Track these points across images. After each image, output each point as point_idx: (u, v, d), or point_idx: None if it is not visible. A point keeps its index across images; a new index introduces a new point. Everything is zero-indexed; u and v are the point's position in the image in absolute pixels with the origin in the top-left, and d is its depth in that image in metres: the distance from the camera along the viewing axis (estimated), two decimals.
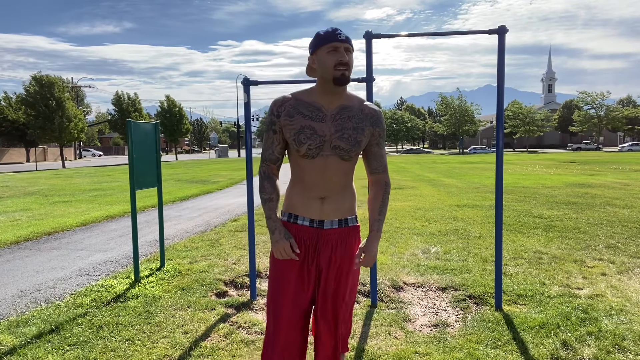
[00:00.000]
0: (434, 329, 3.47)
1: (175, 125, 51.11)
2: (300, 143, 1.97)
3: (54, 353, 3.15)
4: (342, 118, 2.01)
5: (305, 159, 2.01)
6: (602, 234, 6.62)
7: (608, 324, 3.42)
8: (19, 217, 9.17)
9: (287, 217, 2.12)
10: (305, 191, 2.06)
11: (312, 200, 2.05)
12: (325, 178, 2.02)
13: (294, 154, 2.05)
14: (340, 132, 1.99)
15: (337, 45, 1.91)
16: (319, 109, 2.00)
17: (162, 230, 5.37)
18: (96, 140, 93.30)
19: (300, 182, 2.06)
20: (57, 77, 36.35)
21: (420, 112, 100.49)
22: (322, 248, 2.07)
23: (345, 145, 1.99)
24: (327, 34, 1.92)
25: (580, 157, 34.98)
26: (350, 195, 2.11)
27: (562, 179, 15.79)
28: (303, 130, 1.97)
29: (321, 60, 1.93)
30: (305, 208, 2.06)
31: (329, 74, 1.92)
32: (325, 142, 1.99)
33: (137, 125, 4.81)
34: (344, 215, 2.09)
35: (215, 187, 15.04)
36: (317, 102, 2.01)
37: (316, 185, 2.03)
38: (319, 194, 2.04)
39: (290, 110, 2.00)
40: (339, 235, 2.09)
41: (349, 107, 2.03)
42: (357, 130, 2.01)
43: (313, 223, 2.07)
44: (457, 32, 4.09)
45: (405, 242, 6.31)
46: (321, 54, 1.93)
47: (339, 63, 1.89)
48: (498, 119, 3.85)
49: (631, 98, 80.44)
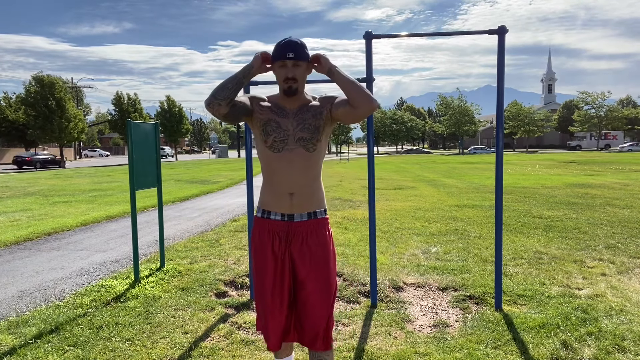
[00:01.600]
0: (434, 329, 3.47)
1: (175, 125, 51.10)
2: (267, 134, 2.20)
3: (54, 353, 3.15)
4: (302, 112, 2.24)
5: (272, 152, 2.21)
6: (602, 234, 6.62)
7: (608, 324, 3.42)
8: (19, 217, 9.17)
9: (261, 213, 2.30)
10: (275, 188, 2.24)
11: (282, 196, 2.22)
12: (292, 173, 2.19)
13: (261, 147, 2.24)
14: (301, 125, 2.21)
15: (285, 62, 2.14)
16: (282, 108, 2.25)
17: (162, 231, 5.37)
18: (96, 140, 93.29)
19: (270, 180, 2.26)
20: (57, 78, 36.36)
21: (420, 113, 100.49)
22: (292, 239, 2.24)
23: (307, 134, 2.20)
24: (279, 50, 2.14)
25: (580, 157, 34.98)
26: (317, 189, 2.28)
27: (562, 179, 15.79)
28: (269, 123, 2.21)
29: (275, 73, 2.21)
30: (276, 204, 2.24)
31: (281, 86, 2.20)
32: (289, 137, 2.20)
33: (137, 126, 4.81)
34: (312, 208, 2.27)
35: (215, 188, 15.04)
36: (280, 103, 2.26)
37: (284, 181, 2.21)
38: (287, 190, 2.21)
39: (263, 103, 2.27)
40: (309, 226, 2.25)
41: (308, 105, 2.27)
42: (315, 117, 2.23)
43: (284, 217, 2.24)
44: (457, 32, 4.09)
45: (405, 242, 6.31)
46: (275, 68, 2.19)
47: (285, 78, 2.16)
48: (498, 119, 3.85)
49: (631, 98, 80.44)
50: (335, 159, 42.67)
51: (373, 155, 4.04)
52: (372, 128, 4.04)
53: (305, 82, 2.25)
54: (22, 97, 35.67)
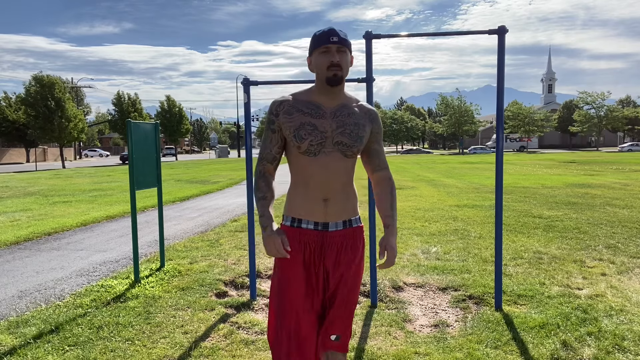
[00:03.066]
0: (434, 329, 3.47)
1: (175, 125, 51.12)
2: (301, 139, 1.98)
3: (54, 353, 3.15)
4: (342, 115, 2.04)
5: (307, 156, 2.00)
6: (602, 234, 6.62)
7: (608, 324, 3.42)
8: (19, 217, 9.17)
9: (290, 221, 2.07)
10: (308, 193, 2.03)
11: (316, 202, 2.03)
12: (328, 177, 2.01)
13: (294, 153, 2.04)
14: (342, 128, 2.02)
15: (329, 46, 1.96)
16: (318, 107, 2.03)
17: (162, 231, 5.37)
18: (96, 140, 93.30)
19: (302, 183, 2.04)
20: (57, 78, 36.36)
21: (420, 112, 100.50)
22: (327, 251, 2.05)
23: (348, 141, 2.01)
24: (321, 36, 1.98)
25: (580, 157, 34.99)
26: (352, 195, 2.12)
27: (562, 179, 15.79)
28: (303, 127, 1.99)
29: (315, 62, 2.00)
30: (308, 211, 2.04)
31: (323, 75, 1.98)
32: (327, 139, 2.00)
33: (137, 126, 4.81)
34: (348, 216, 2.09)
35: (215, 188, 15.04)
36: (316, 100, 2.05)
37: (319, 186, 2.02)
38: (322, 195, 2.02)
39: (289, 108, 2.03)
40: (344, 236, 2.08)
41: (348, 106, 2.07)
42: (358, 126, 2.04)
43: (318, 226, 2.04)
44: (457, 32, 4.09)
45: (405, 242, 6.31)
46: (315, 55, 2.00)
47: (330, 64, 1.95)
48: (498, 119, 3.85)
49: (630, 98, 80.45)
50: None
51: None
52: None
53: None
54: (22, 97, 35.67)
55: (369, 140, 2.12)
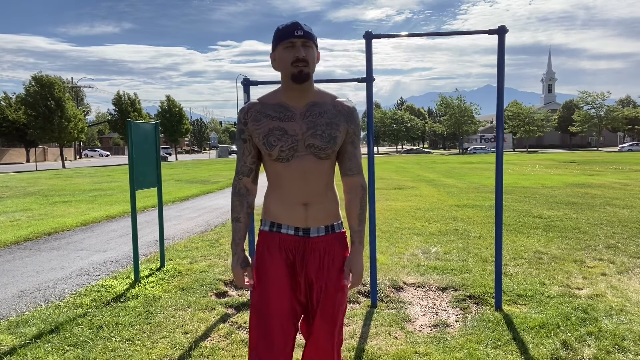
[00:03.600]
0: (434, 329, 3.47)
1: (175, 125, 51.15)
2: (271, 146, 1.85)
3: (54, 353, 3.15)
4: (312, 115, 1.89)
5: (280, 162, 1.88)
6: (602, 234, 6.62)
7: (608, 324, 3.42)
8: (19, 217, 9.17)
9: (269, 226, 1.95)
10: (286, 197, 1.90)
11: (295, 206, 1.90)
12: (306, 182, 1.88)
13: (267, 160, 1.92)
14: (312, 129, 1.87)
15: (293, 41, 1.81)
16: (286, 109, 1.89)
17: (162, 231, 5.37)
18: (96, 140, 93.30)
19: (279, 188, 1.92)
20: (57, 78, 36.37)
21: (420, 112, 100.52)
22: (309, 258, 1.92)
23: (320, 143, 1.87)
24: (285, 30, 1.82)
25: (580, 157, 34.99)
26: (333, 198, 1.98)
27: (562, 179, 15.79)
28: (272, 132, 1.86)
29: (280, 58, 1.85)
30: (288, 216, 1.91)
31: (288, 71, 1.83)
32: (298, 142, 1.86)
33: (137, 126, 4.81)
34: (330, 221, 1.96)
35: (215, 188, 15.04)
36: (283, 102, 1.90)
37: (297, 191, 1.89)
38: (301, 200, 1.90)
39: (256, 115, 1.90)
40: (326, 242, 1.94)
41: (320, 103, 1.92)
42: (330, 126, 1.89)
43: (298, 231, 1.91)
44: (457, 32, 4.09)
45: (405, 242, 6.31)
46: (280, 51, 1.84)
47: (295, 60, 1.80)
48: (498, 119, 3.85)
49: (630, 98, 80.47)
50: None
51: (373, 155, 4.04)
52: (372, 128, 4.04)
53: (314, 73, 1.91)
54: (22, 97, 35.70)
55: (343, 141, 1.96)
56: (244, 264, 1.94)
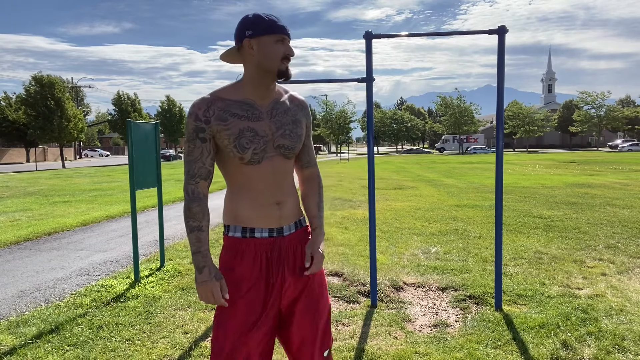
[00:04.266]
0: (434, 329, 3.47)
1: (175, 125, 51.19)
2: (244, 149, 1.72)
3: (54, 353, 3.15)
4: (278, 113, 1.80)
5: (250, 165, 1.75)
6: (602, 234, 6.62)
7: (608, 324, 3.42)
8: (19, 217, 9.17)
9: (241, 232, 1.79)
10: (258, 200, 1.78)
11: (269, 207, 1.79)
12: (276, 182, 1.80)
13: (234, 163, 1.77)
14: (281, 130, 1.79)
15: (285, 37, 1.72)
16: (252, 107, 1.76)
17: (162, 231, 5.37)
18: (96, 140, 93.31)
19: (248, 191, 1.79)
20: (58, 78, 36.39)
21: (420, 112, 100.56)
22: (285, 257, 1.82)
23: (289, 143, 1.80)
24: (274, 23, 1.71)
25: (580, 157, 34.99)
26: (296, 194, 1.93)
27: (562, 179, 15.79)
28: (243, 134, 1.72)
29: (266, 49, 1.70)
30: (261, 217, 1.78)
31: (274, 66, 1.71)
32: (267, 143, 1.76)
33: (137, 126, 4.81)
34: (298, 216, 1.89)
35: (215, 187, 15.04)
36: (248, 98, 1.77)
37: (269, 192, 1.79)
38: (274, 200, 1.80)
39: (221, 113, 1.72)
40: (298, 238, 1.88)
41: (281, 101, 1.84)
42: (295, 124, 1.83)
43: (273, 232, 1.80)
44: (457, 32, 4.09)
45: (405, 242, 6.31)
46: (267, 42, 1.70)
47: (286, 56, 1.72)
48: (498, 119, 3.85)
49: (630, 98, 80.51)
50: (335, 159, 42.67)
51: (373, 155, 4.04)
52: (372, 128, 4.04)
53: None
54: (22, 97, 35.72)
55: (304, 136, 1.92)
56: (218, 276, 1.73)
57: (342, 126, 64.97)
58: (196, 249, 1.72)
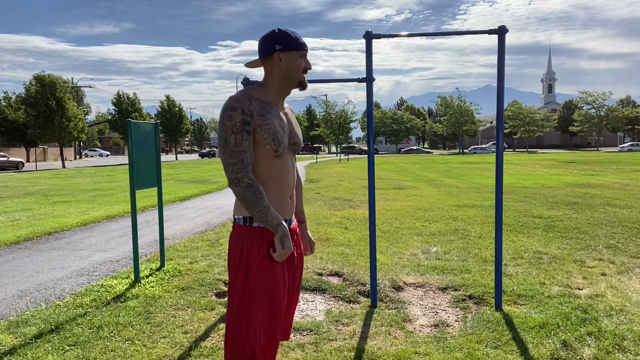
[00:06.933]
0: (434, 329, 3.47)
1: (175, 125, 51.13)
2: (279, 142, 1.97)
3: (54, 353, 3.15)
4: (289, 115, 2.13)
5: (277, 158, 2.01)
6: (602, 234, 6.62)
7: (608, 324, 3.42)
8: (19, 217, 9.17)
9: None
10: (278, 192, 2.04)
11: (286, 200, 2.08)
12: (289, 176, 2.09)
13: (265, 155, 1.98)
14: (295, 129, 2.13)
15: (305, 53, 2.06)
16: (276, 108, 2.04)
17: (162, 230, 5.37)
18: (96, 140, 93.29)
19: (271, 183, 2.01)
20: (58, 77, 36.39)
21: (420, 112, 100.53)
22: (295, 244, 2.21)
23: (299, 140, 2.14)
24: (299, 40, 2.02)
25: (580, 157, 34.98)
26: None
27: (562, 179, 15.79)
28: (278, 129, 1.98)
29: (292, 62, 2.01)
30: (282, 209, 2.06)
31: (297, 77, 2.04)
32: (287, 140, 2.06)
33: (137, 125, 4.81)
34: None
35: (216, 187, 15.04)
36: (273, 101, 2.05)
37: (286, 185, 2.07)
38: (289, 193, 2.10)
39: (259, 109, 1.94)
40: (294, 228, 2.23)
41: (285, 105, 2.17)
42: (299, 124, 2.23)
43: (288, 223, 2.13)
44: (456, 32, 4.09)
45: (405, 242, 6.31)
46: (293, 56, 2.01)
47: (305, 70, 2.06)
48: (498, 119, 3.85)
49: (630, 98, 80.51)
50: (335, 159, 42.66)
51: (373, 155, 4.04)
52: (372, 128, 4.04)
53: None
54: (23, 96, 35.72)
55: None
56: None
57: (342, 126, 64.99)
58: (278, 220, 1.96)
